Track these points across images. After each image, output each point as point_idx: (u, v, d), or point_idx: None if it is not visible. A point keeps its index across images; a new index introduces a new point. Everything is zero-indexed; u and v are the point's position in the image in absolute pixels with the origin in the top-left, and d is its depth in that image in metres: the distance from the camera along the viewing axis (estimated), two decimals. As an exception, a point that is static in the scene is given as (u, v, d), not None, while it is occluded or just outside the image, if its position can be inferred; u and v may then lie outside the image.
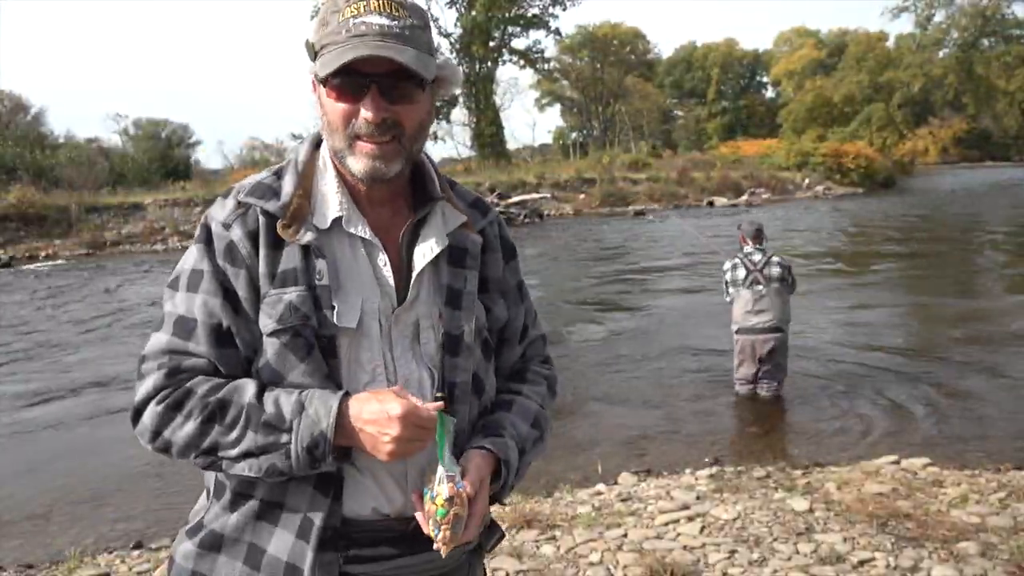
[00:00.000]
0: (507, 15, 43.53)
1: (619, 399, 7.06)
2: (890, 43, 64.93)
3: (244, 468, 1.21)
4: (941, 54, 58.42)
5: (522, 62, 47.58)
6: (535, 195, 30.32)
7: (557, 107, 68.68)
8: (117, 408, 7.23)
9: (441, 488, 1.20)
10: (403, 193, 1.37)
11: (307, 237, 1.24)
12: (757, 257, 6.59)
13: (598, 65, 60.22)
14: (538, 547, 3.72)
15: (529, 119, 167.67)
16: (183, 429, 1.20)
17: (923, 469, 4.81)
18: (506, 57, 46.48)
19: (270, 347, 1.23)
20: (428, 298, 1.33)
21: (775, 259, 6.59)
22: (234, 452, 1.20)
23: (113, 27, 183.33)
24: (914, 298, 12.18)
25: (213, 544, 1.29)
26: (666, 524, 3.96)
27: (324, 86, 1.24)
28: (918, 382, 7.17)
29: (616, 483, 4.90)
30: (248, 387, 1.22)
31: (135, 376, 1.26)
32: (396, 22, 1.21)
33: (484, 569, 1.54)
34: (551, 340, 1.71)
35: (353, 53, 1.18)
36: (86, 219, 23.35)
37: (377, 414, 1.17)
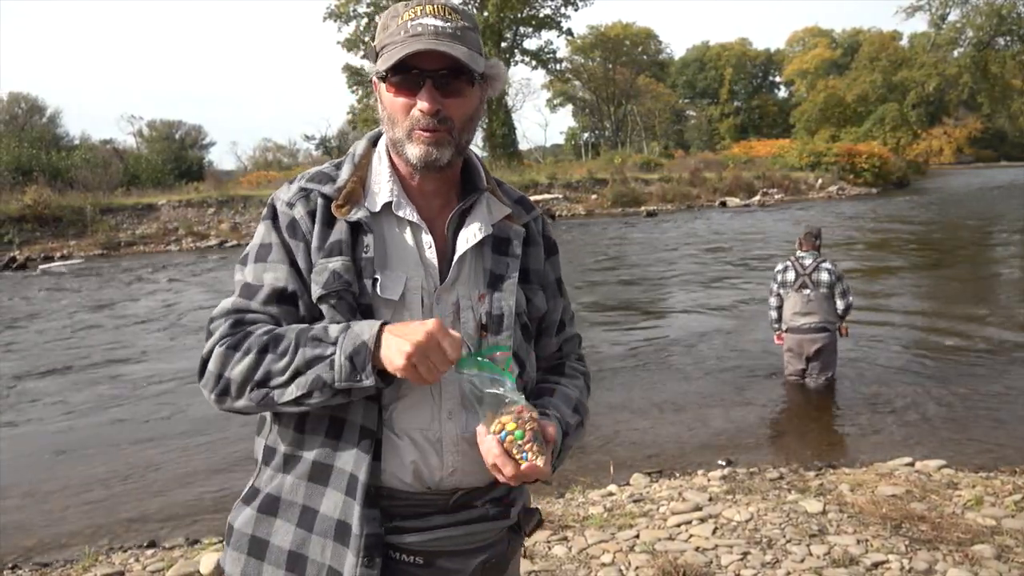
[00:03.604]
0: (519, 16, 43.58)
1: (631, 400, 7.05)
2: (904, 42, 64.55)
3: (293, 390, 1.27)
4: (955, 53, 57.80)
5: (534, 63, 47.64)
6: (547, 196, 30.36)
7: (569, 108, 68.68)
8: (132, 408, 7.30)
9: (505, 417, 1.26)
10: (454, 185, 1.47)
11: (357, 215, 1.36)
12: (808, 261, 6.75)
13: (610, 65, 60.15)
14: (550, 548, 3.72)
15: (541, 119, 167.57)
16: (240, 364, 1.30)
17: (937, 471, 4.78)
18: (518, 58, 46.57)
19: (323, 313, 1.34)
20: (469, 280, 1.41)
21: (824, 265, 6.71)
22: (285, 376, 1.28)
23: (128, 30, 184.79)
24: (929, 300, 12.10)
25: (270, 508, 1.38)
26: (678, 525, 3.95)
27: (384, 82, 1.36)
28: (932, 383, 7.12)
29: (628, 484, 4.89)
30: (300, 325, 1.33)
31: (204, 337, 1.38)
32: (449, 23, 1.33)
33: (523, 550, 1.58)
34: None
35: (410, 48, 1.29)
36: (101, 220, 23.50)
37: (412, 325, 1.24)
